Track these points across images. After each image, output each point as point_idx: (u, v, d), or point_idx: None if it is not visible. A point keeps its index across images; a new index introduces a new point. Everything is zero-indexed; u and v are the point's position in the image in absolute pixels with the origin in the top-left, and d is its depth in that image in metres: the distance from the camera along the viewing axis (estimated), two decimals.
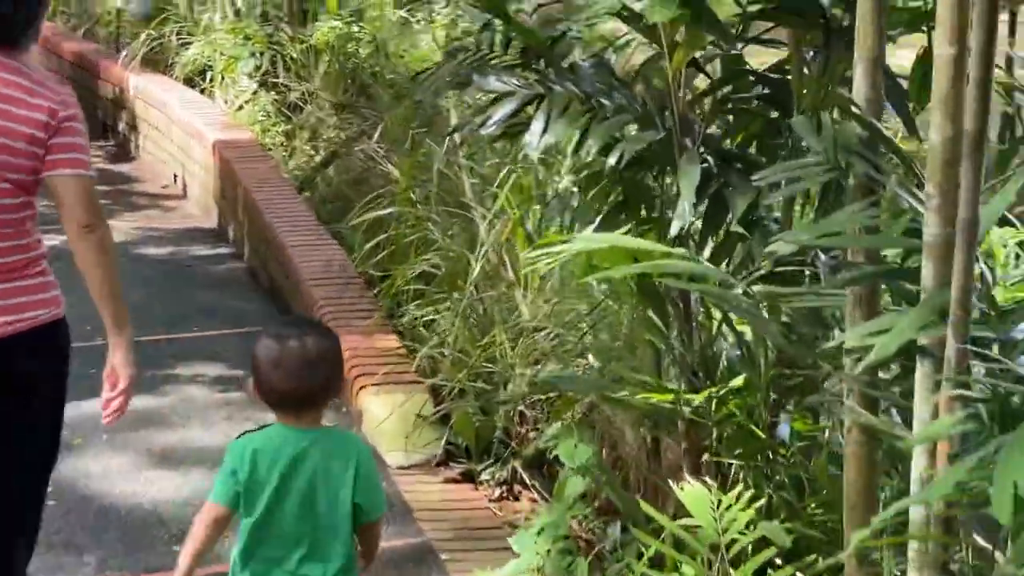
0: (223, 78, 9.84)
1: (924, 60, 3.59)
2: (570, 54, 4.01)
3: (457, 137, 5.29)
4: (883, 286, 2.92)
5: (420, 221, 5.56)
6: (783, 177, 2.90)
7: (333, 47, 9.01)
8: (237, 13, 9.81)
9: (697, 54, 3.77)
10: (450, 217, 5.43)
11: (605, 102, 3.73)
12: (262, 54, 9.41)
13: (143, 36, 10.44)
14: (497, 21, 4.08)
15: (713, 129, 3.88)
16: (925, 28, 3.58)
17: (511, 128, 3.77)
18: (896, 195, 2.79)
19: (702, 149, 3.70)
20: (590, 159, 3.71)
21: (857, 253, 2.90)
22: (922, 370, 2.66)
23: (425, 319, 5.47)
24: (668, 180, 3.84)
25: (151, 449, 5.33)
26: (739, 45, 3.83)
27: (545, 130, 3.67)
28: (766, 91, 3.85)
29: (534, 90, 3.75)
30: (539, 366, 4.96)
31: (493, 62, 4.05)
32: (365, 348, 5.56)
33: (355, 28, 9.10)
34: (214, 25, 10.15)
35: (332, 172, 8.18)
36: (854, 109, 2.88)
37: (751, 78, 3.86)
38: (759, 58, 4.06)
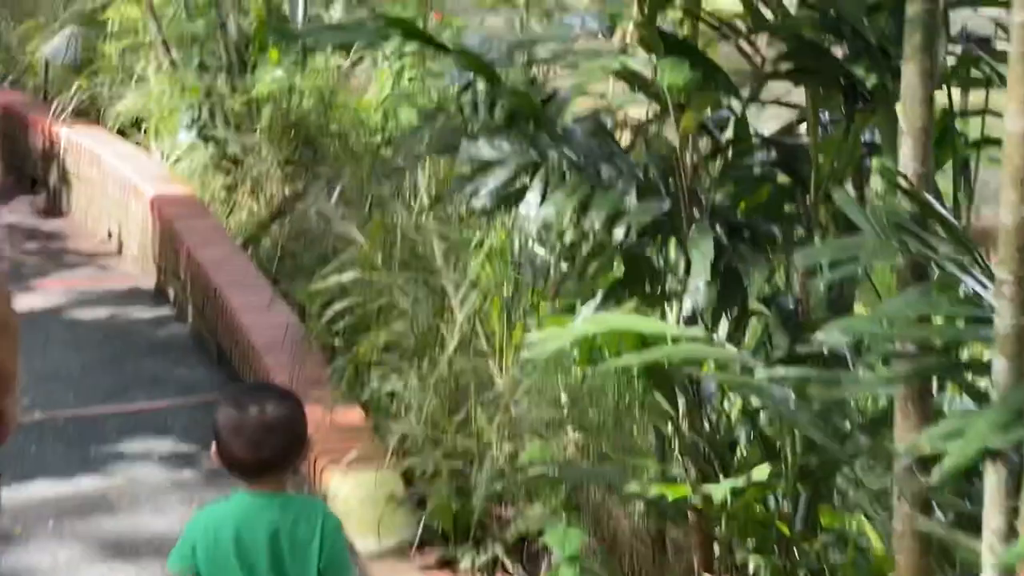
0: (158, 130, 9.51)
1: (944, 119, 3.36)
2: (562, 115, 3.73)
3: (425, 200, 5.01)
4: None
5: (384, 287, 5.24)
6: (832, 258, 2.63)
7: (275, 99, 8.69)
8: (173, 64, 9.46)
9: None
10: (417, 283, 5.12)
11: (606, 169, 3.46)
12: (200, 106, 9.07)
13: (73, 87, 10.07)
14: (480, 81, 3.80)
15: (719, 196, 3.61)
16: (946, 86, 3.35)
17: (504, 199, 3.47)
18: (954, 278, 2.54)
19: (709, 219, 3.44)
20: (591, 232, 3.41)
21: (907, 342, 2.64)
22: (996, 475, 2.40)
23: (390, 391, 5.15)
24: (672, 252, 3.57)
25: (102, 538, 4.96)
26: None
27: (542, 201, 3.39)
28: (776, 156, 3.59)
29: (528, 157, 3.46)
30: (518, 441, 4.67)
31: (477, 126, 3.77)
32: (327, 423, 5.23)
33: (298, 79, 8.78)
34: (148, 76, 9.81)
35: (279, 229, 7.85)
36: (902, 182, 2.63)
37: (759, 141, 3.60)
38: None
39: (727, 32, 3.32)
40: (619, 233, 3.28)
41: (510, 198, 3.46)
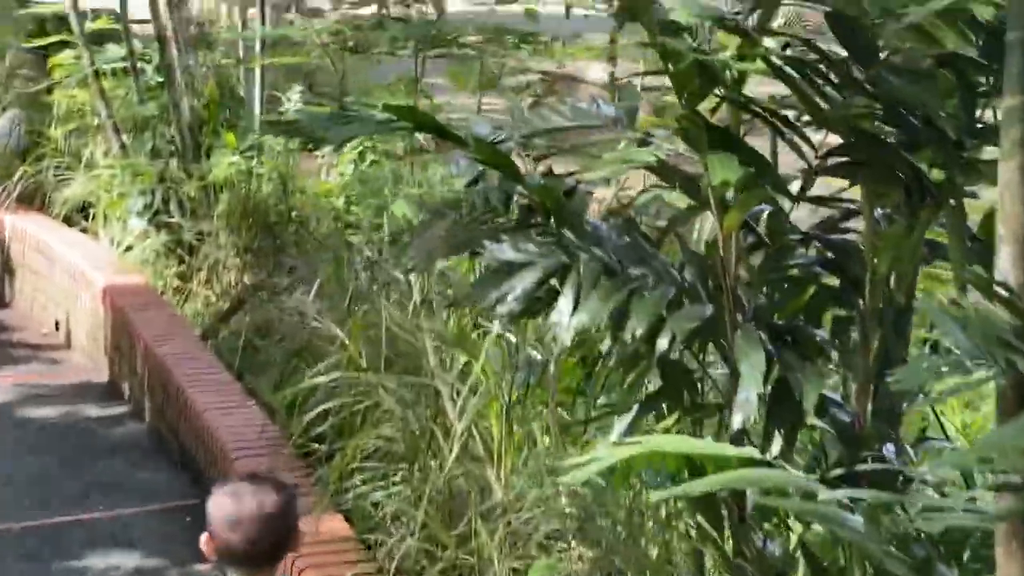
0: (107, 217, 9.17)
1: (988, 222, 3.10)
2: (584, 211, 3.44)
3: (416, 297, 4.71)
4: None
5: (370, 387, 4.92)
6: (924, 379, 2.36)
7: (233, 183, 8.37)
8: (123, 147, 9.13)
9: None
10: (404, 385, 4.80)
11: (640, 271, 3.17)
12: (153, 192, 8.74)
13: (18, 173, 9.72)
14: (494, 173, 3.52)
15: (760, 297, 3.33)
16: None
17: (532, 304, 3.18)
18: None
19: (753, 324, 3.16)
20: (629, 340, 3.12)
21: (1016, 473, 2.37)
22: None
23: (378, 499, 4.82)
24: (711, 359, 3.30)
25: None
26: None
27: (575, 307, 3.09)
28: (821, 254, 3.33)
29: (557, 259, 3.17)
30: (521, 551, 4.35)
31: (488, 223, 3.48)
32: (311, 535, 4.87)
33: (255, 163, 8.47)
34: (97, 160, 9.48)
35: (240, 320, 7.51)
36: (1002, 292, 2.37)
37: (799, 237, 3.34)
38: None
39: (774, 122, 3.05)
40: (663, 343, 2.98)
41: (539, 303, 3.17)
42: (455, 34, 6.54)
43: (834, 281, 3.39)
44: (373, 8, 7.06)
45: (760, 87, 3.28)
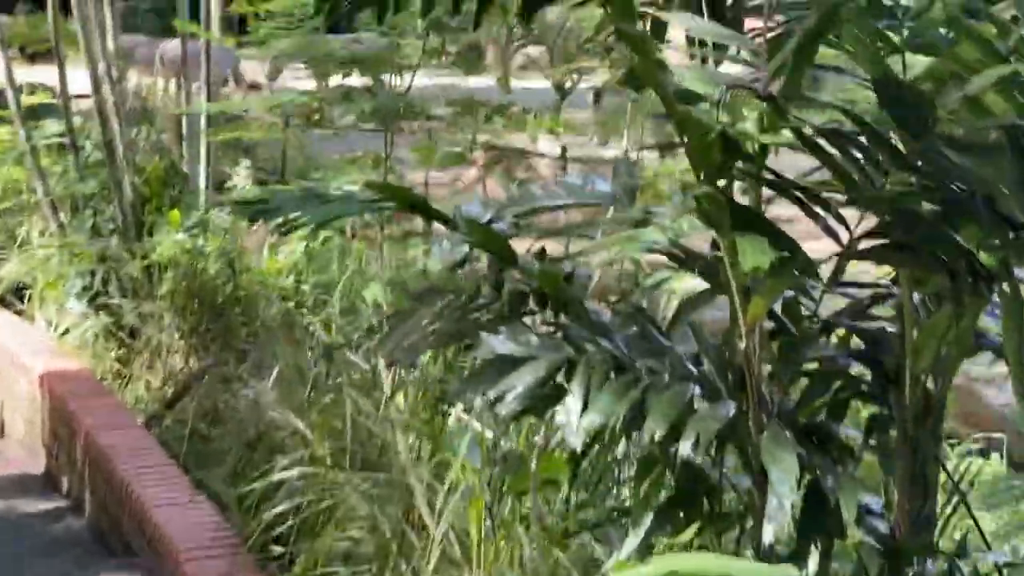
0: (44, 299, 8.77)
1: None
2: (585, 298, 3.14)
3: (387, 388, 4.37)
4: None
5: (335, 484, 4.56)
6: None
7: (178, 263, 8.00)
8: (61, 226, 8.76)
9: None
10: (372, 482, 4.45)
11: (654, 366, 2.87)
12: (92, 272, 8.36)
13: None
14: (482, 255, 3.22)
15: (776, 389, 3.03)
16: None
17: (535, 403, 2.86)
18: None
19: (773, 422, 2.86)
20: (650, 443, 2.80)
21: None
22: None
23: None
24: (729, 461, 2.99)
25: None
26: None
27: (584, 407, 2.78)
28: (843, 340, 3.04)
29: (563, 352, 2.86)
30: None
31: (479, 310, 3.17)
32: None
33: (201, 241, 8.11)
34: (32, 239, 9.10)
35: (188, 407, 7.12)
36: None
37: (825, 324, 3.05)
38: None
39: (803, 199, 2.77)
40: (686, 447, 2.67)
41: (543, 402, 2.85)
42: (423, 106, 6.26)
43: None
44: (337, 79, 6.77)
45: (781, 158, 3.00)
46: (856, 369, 3.09)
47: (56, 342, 8.26)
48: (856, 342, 3.11)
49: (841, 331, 3.10)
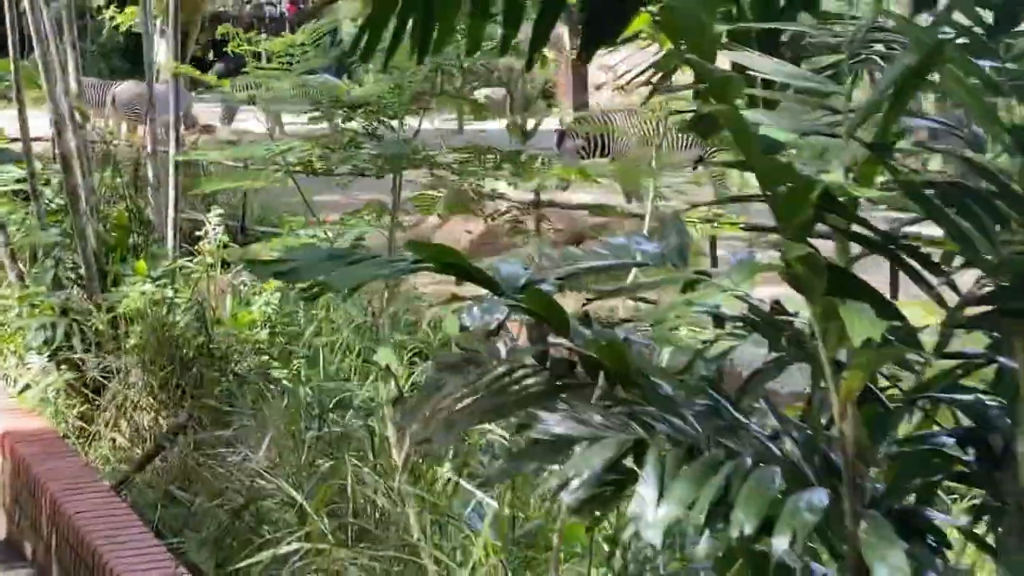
0: (3, 353, 8.38)
1: None
2: (648, 370, 2.81)
3: (398, 457, 4.01)
4: None
5: (338, 562, 4.20)
6: None
7: (145, 315, 7.63)
8: (21, 277, 8.36)
9: None
10: (381, 560, 4.09)
11: (732, 447, 2.55)
12: (54, 325, 7.96)
13: None
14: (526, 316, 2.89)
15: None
16: None
17: (603, 491, 2.53)
18: None
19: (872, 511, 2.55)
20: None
21: None
22: None
23: None
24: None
25: None
26: None
27: (660, 495, 2.45)
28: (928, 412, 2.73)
29: (631, 434, 2.54)
30: None
31: (519, 382, 2.85)
32: None
33: (170, 292, 7.75)
34: None
35: (159, 469, 6.75)
36: None
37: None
38: None
39: (905, 258, 2.46)
40: (781, 543, 2.35)
41: (612, 488, 2.52)
42: (428, 153, 5.94)
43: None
44: (324, 126, 6.44)
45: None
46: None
47: (15, 399, 7.86)
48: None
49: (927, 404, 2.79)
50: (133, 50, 32.87)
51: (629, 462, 2.57)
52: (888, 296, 2.46)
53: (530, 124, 17.73)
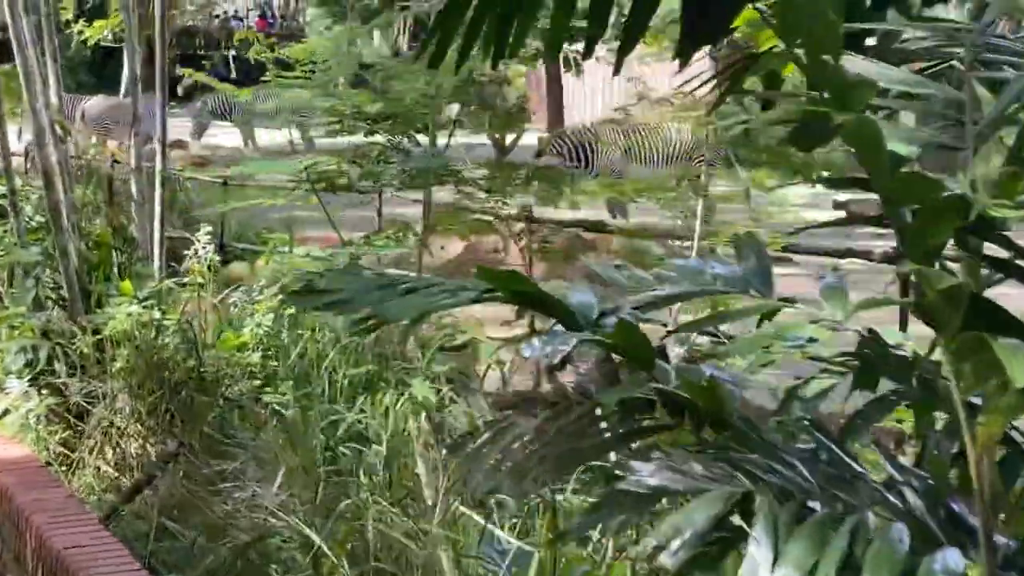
0: None
1: None
2: (731, 409, 2.52)
3: (431, 498, 3.70)
4: None
5: None
6: None
7: (132, 338, 7.28)
8: (0, 299, 8.01)
9: None
10: None
11: (850, 502, 2.26)
12: (35, 348, 7.61)
13: None
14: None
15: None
16: None
17: (708, 551, 2.23)
18: None
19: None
20: None
21: None
22: None
23: None
24: None
25: None
26: None
27: (775, 558, 2.15)
28: None
29: (739, 486, 2.24)
30: None
31: (594, 423, 2.55)
32: None
33: (158, 313, 7.40)
34: None
35: (149, 499, 6.40)
36: None
37: None
38: None
39: None
40: None
41: (717, 548, 2.22)
42: (456, 168, 5.62)
43: None
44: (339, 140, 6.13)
45: None
46: None
47: None
48: None
49: None
50: (100, 64, 32.48)
51: (734, 517, 2.28)
52: None
53: (509, 139, 17.46)
